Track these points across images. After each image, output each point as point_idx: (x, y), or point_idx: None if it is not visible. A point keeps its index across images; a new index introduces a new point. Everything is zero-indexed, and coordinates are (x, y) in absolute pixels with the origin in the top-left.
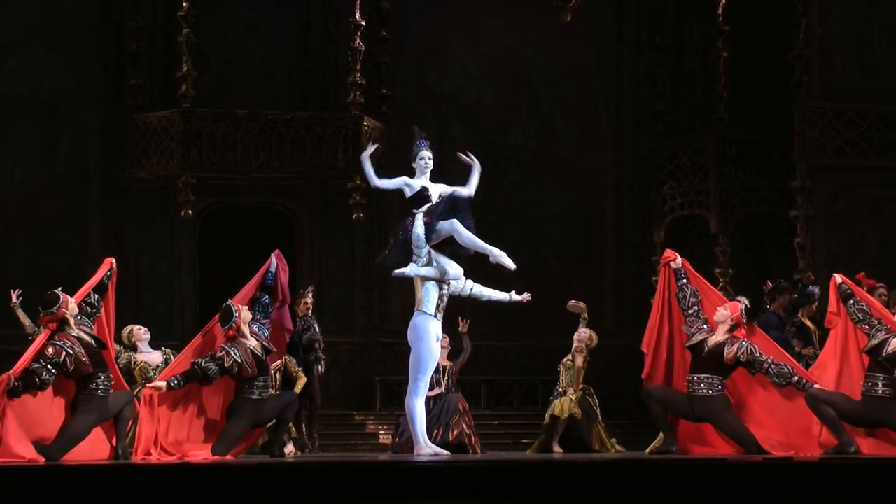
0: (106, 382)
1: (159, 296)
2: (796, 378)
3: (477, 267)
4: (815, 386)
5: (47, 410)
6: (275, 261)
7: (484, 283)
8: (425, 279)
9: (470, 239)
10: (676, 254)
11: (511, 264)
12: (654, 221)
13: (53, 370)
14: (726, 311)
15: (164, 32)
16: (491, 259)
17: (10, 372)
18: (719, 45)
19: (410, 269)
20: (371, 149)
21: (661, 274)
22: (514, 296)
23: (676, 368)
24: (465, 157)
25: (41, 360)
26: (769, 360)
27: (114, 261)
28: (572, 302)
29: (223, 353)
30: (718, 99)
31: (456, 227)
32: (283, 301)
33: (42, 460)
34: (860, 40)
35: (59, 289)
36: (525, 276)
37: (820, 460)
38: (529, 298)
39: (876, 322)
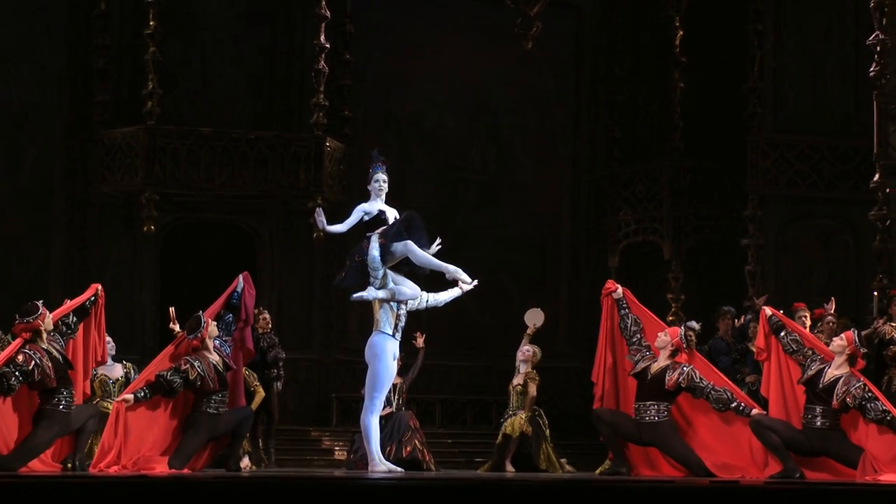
0: (68, 398)
1: (120, 310)
2: (735, 403)
3: (436, 284)
4: (755, 411)
5: (9, 421)
6: (241, 282)
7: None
8: (383, 301)
9: (425, 258)
10: (617, 284)
11: (468, 279)
12: (608, 247)
13: (21, 377)
14: (666, 337)
15: (131, 50)
16: (448, 276)
17: None
18: (676, 76)
19: (369, 293)
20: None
21: (604, 305)
22: (465, 287)
23: (624, 396)
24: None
25: (10, 366)
26: (710, 386)
27: (100, 287)
28: (534, 309)
29: (187, 365)
30: (674, 128)
31: (410, 248)
32: (246, 322)
33: None
34: (813, 74)
35: (41, 302)
36: (481, 297)
37: (765, 484)
38: (477, 283)
39: (809, 352)
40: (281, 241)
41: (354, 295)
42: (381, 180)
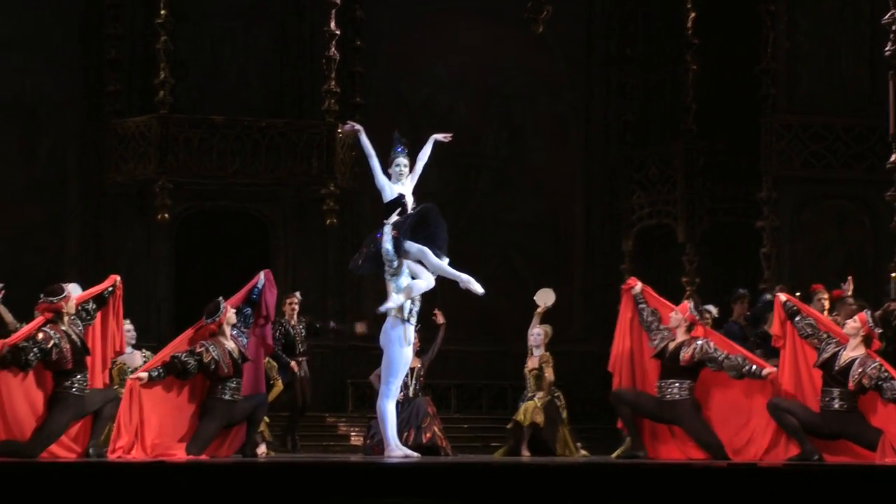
0: (82, 381)
1: (136, 298)
2: (748, 367)
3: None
4: (766, 370)
5: (25, 408)
6: (262, 279)
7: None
8: (398, 290)
9: (439, 266)
10: (637, 280)
11: (479, 289)
12: (622, 230)
13: (39, 354)
14: (678, 315)
15: (142, 40)
16: (461, 285)
17: (5, 341)
18: (688, 58)
19: (392, 302)
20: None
21: (623, 299)
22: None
23: (641, 385)
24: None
25: (30, 341)
26: (723, 354)
27: (118, 278)
28: (545, 289)
29: (202, 349)
30: (687, 111)
31: (425, 254)
32: (267, 318)
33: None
34: (827, 55)
35: (67, 285)
36: (495, 282)
37: (783, 466)
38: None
39: (825, 336)
40: (294, 228)
41: (381, 308)
42: (401, 164)
